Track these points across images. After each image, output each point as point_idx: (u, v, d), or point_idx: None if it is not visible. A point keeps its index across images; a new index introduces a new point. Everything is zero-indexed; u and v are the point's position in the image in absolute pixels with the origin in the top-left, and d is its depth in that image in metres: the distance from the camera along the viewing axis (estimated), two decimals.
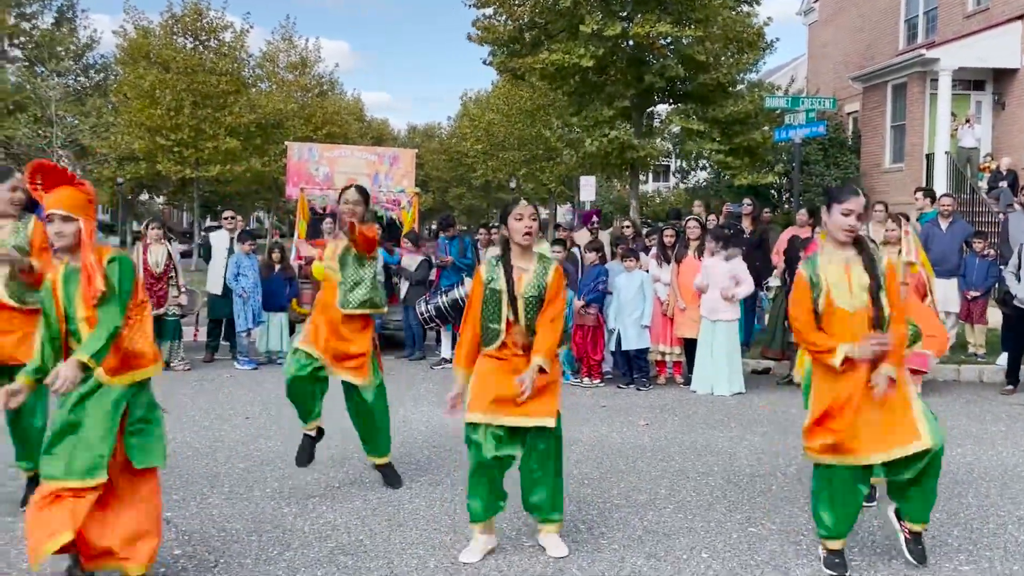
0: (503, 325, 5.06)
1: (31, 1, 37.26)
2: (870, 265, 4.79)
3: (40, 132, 32.71)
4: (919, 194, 13.59)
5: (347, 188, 6.52)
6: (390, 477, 6.58)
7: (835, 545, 4.96)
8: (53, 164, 4.54)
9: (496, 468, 5.07)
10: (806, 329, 4.87)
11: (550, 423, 5.07)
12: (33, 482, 5.86)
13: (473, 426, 5.04)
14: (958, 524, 5.81)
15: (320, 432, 6.58)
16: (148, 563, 4.51)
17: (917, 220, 12.93)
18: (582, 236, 12.85)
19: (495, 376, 5.04)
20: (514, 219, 5.08)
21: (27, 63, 37.33)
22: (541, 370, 4.97)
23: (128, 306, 4.49)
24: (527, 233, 5.06)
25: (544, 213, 41.99)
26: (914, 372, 10.09)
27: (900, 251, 9.30)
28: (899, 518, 5.10)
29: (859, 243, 4.89)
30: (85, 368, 4.24)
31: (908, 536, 5.04)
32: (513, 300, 5.05)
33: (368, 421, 6.48)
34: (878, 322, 4.74)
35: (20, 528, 5.57)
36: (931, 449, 4.73)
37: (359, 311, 6.29)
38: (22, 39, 37.61)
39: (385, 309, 6.69)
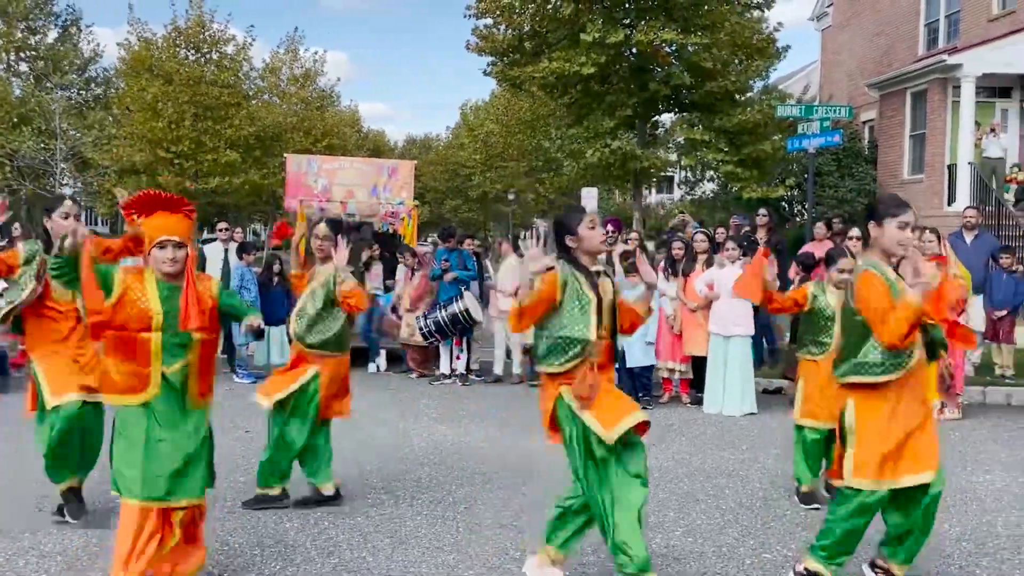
0: (592, 334, 4.78)
1: (38, 16, 37.81)
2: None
3: (44, 145, 32.99)
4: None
5: (318, 222, 6.81)
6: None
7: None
8: (155, 193, 4.92)
9: None
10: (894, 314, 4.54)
11: None
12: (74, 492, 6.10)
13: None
14: (987, 554, 5.77)
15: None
16: None
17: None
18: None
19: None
20: (587, 227, 4.89)
21: (33, 76, 37.84)
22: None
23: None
24: (605, 240, 5.00)
25: (543, 226, 41.94)
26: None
27: (938, 264, 9.29)
28: (873, 567, 4.97)
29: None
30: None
31: None
32: (600, 309, 4.82)
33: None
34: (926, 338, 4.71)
35: (27, 540, 5.73)
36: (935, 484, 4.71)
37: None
38: (29, 53, 38.18)
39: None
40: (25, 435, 6.31)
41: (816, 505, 6.63)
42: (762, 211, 13.52)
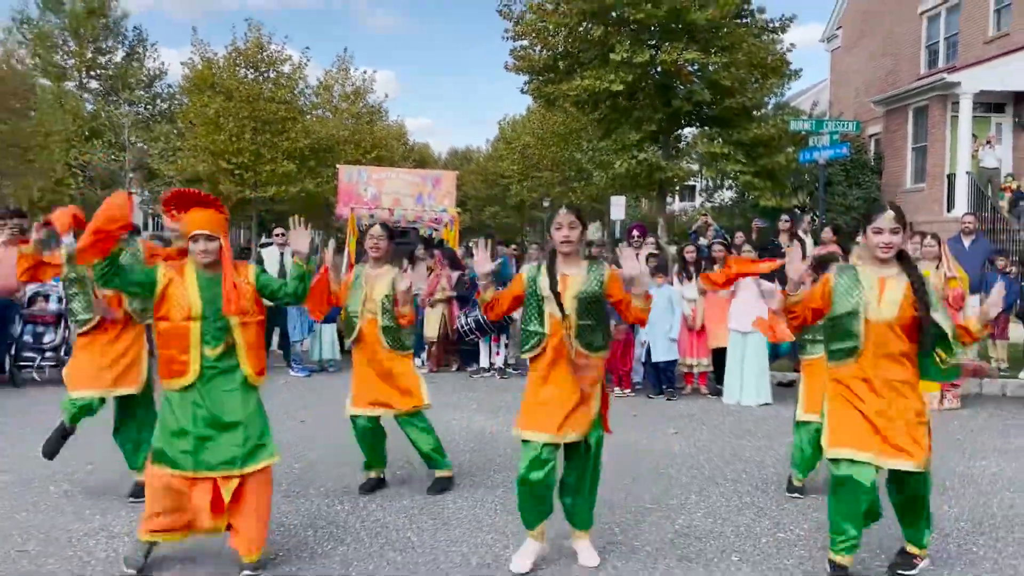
0: (547, 328, 4.93)
1: (107, 37, 38.29)
2: (919, 285, 4.61)
3: (114, 156, 33.36)
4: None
5: (372, 224, 6.75)
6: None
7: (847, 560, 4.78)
8: (189, 190, 4.90)
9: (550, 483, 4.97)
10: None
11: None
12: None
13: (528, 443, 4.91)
14: (983, 533, 5.74)
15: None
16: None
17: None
18: (628, 252, 12.71)
19: (549, 400, 4.92)
20: (554, 228, 5.01)
21: (103, 93, 38.35)
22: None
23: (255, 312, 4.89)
24: (564, 242, 4.96)
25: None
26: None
27: (938, 266, 9.28)
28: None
29: (903, 260, 4.75)
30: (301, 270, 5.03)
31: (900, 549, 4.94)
32: (559, 300, 4.89)
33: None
34: (923, 337, 4.60)
35: (97, 521, 5.76)
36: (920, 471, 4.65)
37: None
38: (98, 71, 38.63)
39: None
40: (100, 425, 6.38)
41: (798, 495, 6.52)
42: (784, 217, 13.49)
